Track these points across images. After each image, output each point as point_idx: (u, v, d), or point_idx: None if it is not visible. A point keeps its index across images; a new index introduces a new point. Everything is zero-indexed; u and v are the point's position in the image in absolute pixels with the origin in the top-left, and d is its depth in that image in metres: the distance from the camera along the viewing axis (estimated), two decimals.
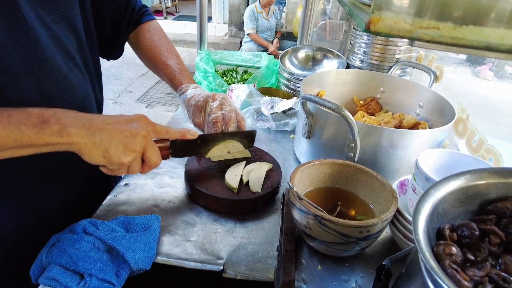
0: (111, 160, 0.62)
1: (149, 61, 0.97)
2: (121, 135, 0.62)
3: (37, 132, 0.55)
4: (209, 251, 0.68)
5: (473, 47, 0.37)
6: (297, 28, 4.54)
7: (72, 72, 0.73)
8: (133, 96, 4.31)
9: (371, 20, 0.38)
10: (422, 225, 0.41)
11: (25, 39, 0.61)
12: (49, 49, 0.66)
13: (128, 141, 0.62)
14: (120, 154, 0.62)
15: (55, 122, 0.56)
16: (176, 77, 0.92)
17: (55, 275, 0.57)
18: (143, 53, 0.97)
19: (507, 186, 0.47)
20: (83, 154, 0.60)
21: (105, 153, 0.61)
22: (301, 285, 0.62)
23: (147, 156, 0.66)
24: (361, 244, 0.62)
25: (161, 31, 0.99)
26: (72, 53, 0.72)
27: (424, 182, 0.63)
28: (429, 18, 0.37)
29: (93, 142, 0.59)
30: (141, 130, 0.64)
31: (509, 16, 0.35)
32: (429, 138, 0.79)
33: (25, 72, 0.63)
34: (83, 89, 0.77)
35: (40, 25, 0.64)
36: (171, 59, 0.94)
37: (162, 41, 0.96)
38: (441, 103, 0.93)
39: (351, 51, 1.32)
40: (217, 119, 0.81)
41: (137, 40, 0.96)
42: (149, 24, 0.97)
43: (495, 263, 0.42)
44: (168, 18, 6.97)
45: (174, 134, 0.72)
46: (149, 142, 0.66)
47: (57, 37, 0.68)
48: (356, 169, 0.74)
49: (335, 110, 0.74)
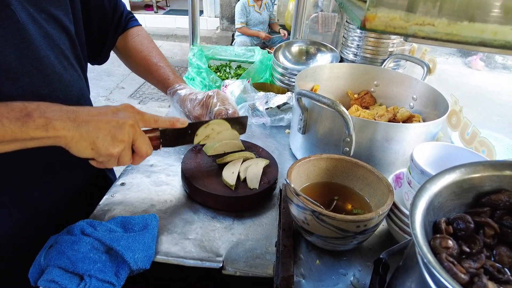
0: (99, 152, 0.60)
1: (138, 62, 0.97)
2: (107, 126, 0.60)
3: (20, 126, 0.54)
4: (208, 249, 0.69)
5: (468, 43, 0.37)
6: (289, 21, 4.52)
7: (67, 70, 0.72)
8: (125, 92, 4.27)
9: (367, 18, 0.38)
10: (419, 219, 0.41)
11: (17, 37, 0.61)
12: (42, 48, 0.65)
13: (116, 131, 0.61)
14: (108, 145, 0.60)
15: (39, 116, 0.55)
16: (170, 78, 0.94)
17: (54, 277, 0.56)
18: (131, 56, 0.97)
19: (501, 178, 0.48)
20: (70, 147, 0.59)
21: (93, 145, 0.59)
22: (300, 280, 0.63)
23: (136, 145, 0.65)
24: (358, 238, 0.63)
25: (149, 37, 1.01)
26: (65, 52, 0.72)
27: (420, 175, 0.64)
28: (424, 15, 0.38)
29: (79, 135, 0.58)
30: (128, 119, 0.63)
31: (502, 12, 0.36)
32: (424, 131, 0.80)
33: (18, 71, 0.63)
34: (78, 87, 0.77)
35: (31, 24, 0.63)
36: (163, 62, 0.96)
37: (152, 45, 0.98)
38: (435, 96, 0.94)
39: (345, 45, 1.33)
40: (221, 112, 0.84)
41: (125, 44, 0.96)
42: (136, 29, 0.98)
43: (490, 254, 0.43)
44: (158, 13, 6.88)
45: (163, 122, 0.70)
46: (138, 131, 0.65)
47: (49, 35, 0.67)
48: (352, 164, 0.74)
49: (331, 105, 0.74)
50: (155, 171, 0.90)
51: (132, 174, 0.88)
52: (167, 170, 0.91)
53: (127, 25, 0.96)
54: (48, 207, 0.79)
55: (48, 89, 0.68)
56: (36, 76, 0.66)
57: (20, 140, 0.55)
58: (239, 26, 4.31)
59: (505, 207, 0.46)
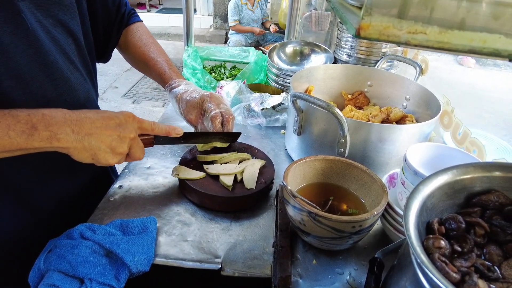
0: (99, 162, 0.66)
1: (137, 58, 0.98)
2: (109, 139, 0.64)
3: (25, 139, 0.56)
4: (206, 250, 0.70)
5: (458, 51, 0.39)
6: (282, 19, 4.52)
7: (73, 74, 0.75)
8: (118, 92, 4.24)
9: (361, 26, 0.39)
10: (413, 220, 0.43)
11: (27, 43, 0.63)
12: (51, 53, 0.68)
13: (116, 145, 0.65)
14: (107, 157, 0.65)
15: (44, 129, 0.58)
16: (166, 72, 0.94)
17: (54, 281, 0.57)
18: (131, 51, 0.98)
19: (490, 179, 0.49)
20: (72, 155, 0.63)
21: (94, 156, 0.64)
22: (298, 279, 0.64)
23: (132, 152, 0.70)
24: (354, 238, 0.64)
25: (149, 32, 1.01)
26: (71, 57, 0.74)
27: (413, 176, 0.65)
28: (416, 24, 0.39)
29: (82, 147, 0.62)
30: (129, 133, 0.67)
31: (490, 21, 0.37)
32: (416, 132, 0.82)
33: (28, 76, 0.65)
34: (84, 91, 0.79)
35: (40, 29, 0.65)
36: (160, 56, 0.96)
37: (151, 40, 0.98)
38: (427, 96, 0.95)
39: (338, 46, 1.34)
40: (216, 116, 0.85)
41: (125, 40, 0.97)
42: (137, 25, 0.99)
43: (480, 253, 0.45)
44: (151, 11, 6.83)
45: (160, 131, 0.75)
46: (135, 142, 0.70)
47: (56, 40, 0.69)
48: (346, 165, 0.76)
49: (325, 107, 0.76)
50: (152, 173, 0.90)
51: (130, 176, 0.89)
52: (164, 172, 0.91)
53: (128, 21, 0.97)
54: (50, 208, 0.79)
55: (56, 93, 0.70)
56: (45, 81, 0.68)
57: (24, 149, 0.58)
58: (233, 24, 4.31)
59: (494, 207, 0.48)
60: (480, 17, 0.38)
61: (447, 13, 0.38)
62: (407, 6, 0.38)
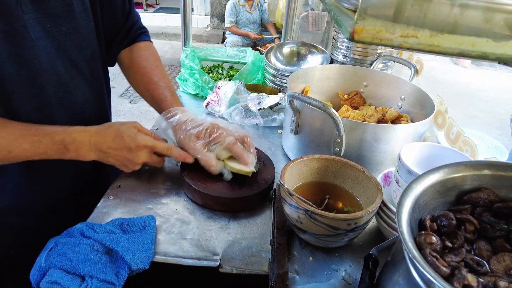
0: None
1: (139, 79, 0.94)
2: (122, 159, 0.77)
3: (57, 156, 0.72)
4: (205, 248, 0.71)
5: (448, 54, 0.40)
6: (279, 19, 4.54)
7: (73, 79, 0.77)
8: (115, 91, 4.23)
9: (355, 30, 0.41)
10: (406, 217, 0.44)
11: (30, 53, 0.66)
12: (50, 61, 0.70)
13: (128, 164, 0.79)
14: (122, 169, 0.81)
15: (73, 151, 0.72)
16: (167, 99, 0.90)
17: (56, 278, 0.58)
18: (134, 71, 0.94)
19: (480, 177, 0.51)
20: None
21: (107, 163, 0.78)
22: (294, 276, 0.65)
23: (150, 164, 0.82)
24: (349, 235, 0.66)
25: (156, 54, 0.98)
26: (76, 61, 0.76)
27: (407, 174, 0.67)
28: (408, 27, 0.40)
29: (98, 158, 0.76)
30: (139, 159, 0.78)
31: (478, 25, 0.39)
32: (411, 132, 0.84)
33: (30, 84, 0.69)
34: (82, 94, 0.81)
35: (45, 38, 0.68)
36: (163, 81, 0.92)
37: (157, 63, 0.95)
38: (422, 96, 0.97)
39: (335, 46, 1.35)
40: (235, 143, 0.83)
41: (130, 57, 0.94)
42: (146, 44, 0.96)
43: (470, 248, 0.46)
44: (148, 11, 6.82)
45: (175, 155, 0.82)
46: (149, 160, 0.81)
47: (62, 47, 0.72)
48: (342, 164, 0.77)
49: (322, 108, 0.77)
50: (151, 172, 0.91)
51: (129, 176, 0.89)
52: (163, 171, 0.92)
53: (136, 38, 0.95)
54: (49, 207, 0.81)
55: (55, 98, 0.75)
56: (45, 88, 0.72)
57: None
58: (229, 25, 4.31)
59: (484, 204, 0.49)
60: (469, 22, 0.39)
61: (438, 17, 0.40)
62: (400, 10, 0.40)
